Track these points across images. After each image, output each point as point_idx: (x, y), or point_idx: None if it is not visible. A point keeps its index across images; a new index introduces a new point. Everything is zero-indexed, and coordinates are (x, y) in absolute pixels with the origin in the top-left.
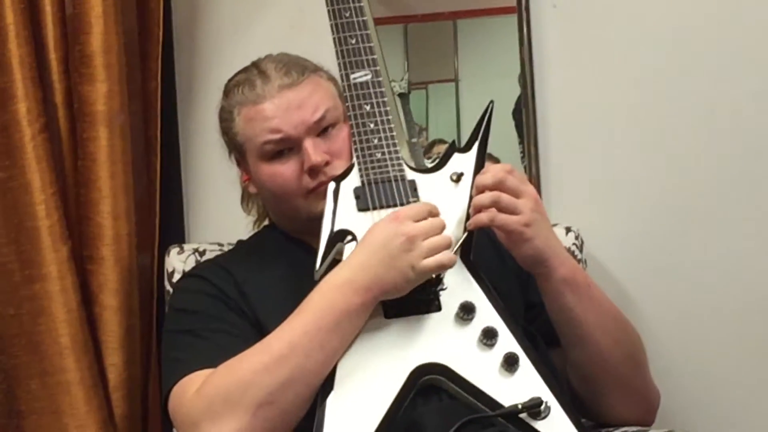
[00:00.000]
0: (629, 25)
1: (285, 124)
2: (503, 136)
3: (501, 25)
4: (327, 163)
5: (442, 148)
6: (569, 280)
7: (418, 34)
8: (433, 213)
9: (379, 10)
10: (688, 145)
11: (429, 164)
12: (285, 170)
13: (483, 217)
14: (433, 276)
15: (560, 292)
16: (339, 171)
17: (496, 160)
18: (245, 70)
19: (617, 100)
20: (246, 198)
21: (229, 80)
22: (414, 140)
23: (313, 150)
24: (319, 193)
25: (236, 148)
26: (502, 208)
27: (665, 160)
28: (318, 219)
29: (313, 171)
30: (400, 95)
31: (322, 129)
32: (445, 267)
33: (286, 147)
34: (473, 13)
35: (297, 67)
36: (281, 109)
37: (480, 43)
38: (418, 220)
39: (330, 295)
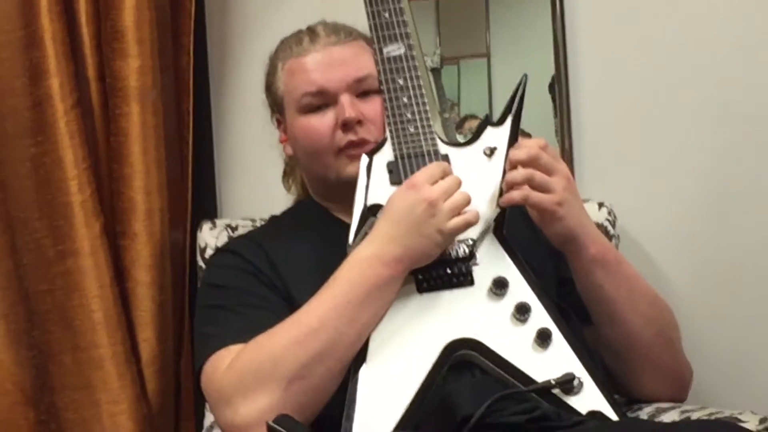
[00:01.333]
0: (662, 1)
1: (325, 77)
2: (536, 111)
3: (533, 0)
4: (360, 122)
5: (473, 124)
6: (600, 258)
7: (450, 8)
8: (447, 172)
9: None
10: (726, 122)
11: (461, 139)
12: (319, 124)
13: (515, 196)
14: (466, 251)
15: (591, 270)
16: (372, 136)
17: (528, 136)
18: (298, 30)
19: (652, 74)
20: (287, 174)
21: (282, 39)
22: (446, 115)
23: (349, 105)
24: (349, 154)
25: (277, 104)
26: (534, 186)
27: (701, 136)
28: (347, 183)
29: (347, 126)
30: (432, 70)
31: (361, 91)
32: (470, 224)
33: (323, 102)
34: None
35: (345, 30)
36: (323, 64)
37: (512, 17)
38: (433, 183)
39: (359, 269)
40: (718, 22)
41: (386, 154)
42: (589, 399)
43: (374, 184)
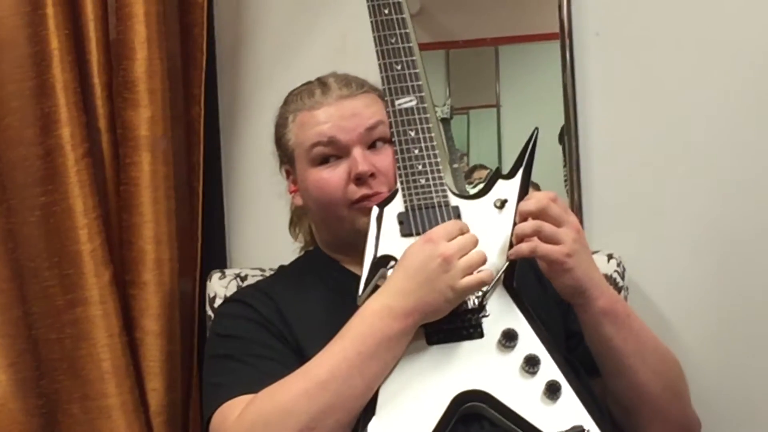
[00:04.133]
0: (672, 53)
1: (336, 129)
2: (545, 161)
3: (543, 51)
4: (373, 175)
5: (482, 174)
6: (608, 310)
7: (460, 59)
8: (464, 230)
9: (421, 36)
10: (733, 174)
11: (470, 189)
12: (332, 177)
13: (524, 248)
14: (476, 303)
15: (599, 323)
16: (385, 187)
17: (537, 187)
18: (308, 82)
19: (660, 127)
20: (294, 223)
21: (291, 91)
22: (456, 165)
23: (362, 158)
24: (362, 207)
25: (287, 156)
26: (544, 237)
27: (709, 188)
28: (359, 235)
29: (360, 179)
30: (442, 120)
31: (372, 141)
32: (484, 284)
33: (335, 153)
34: (515, 39)
35: (357, 82)
36: (335, 116)
37: (522, 69)
38: (450, 239)
39: (369, 321)
40: (730, 77)
41: (397, 205)
42: None
43: (385, 235)
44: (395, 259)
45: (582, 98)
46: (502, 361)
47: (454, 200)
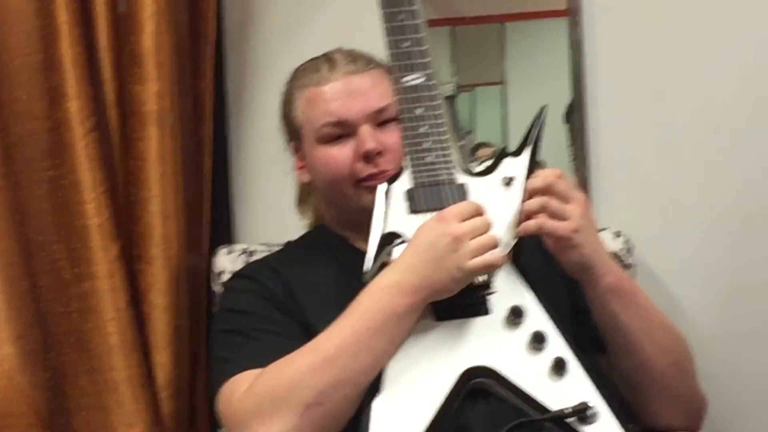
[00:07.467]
0: (682, 29)
1: (345, 108)
2: (549, 141)
3: (550, 28)
4: (380, 153)
5: (487, 151)
6: (615, 287)
7: (466, 36)
8: (479, 212)
9: (427, 12)
10: (743, 149)
11: (474, 167)
12: (339, 154)
13: (531, 225)
14: (483, 280)
15: (606, 300)
16: (392, 165)
17: (543, 165)
18: (314, 58)
19: (669, 103)
20: (302, 199)
21: (297, 67)
22: (461, 143)
23: (369, 136)
24: (369, 184)
25: (294, 132)
26: (550, 214)
27: (718, 164)
28: (365, 213)
29: (367, 157)
30: (447, 97)
31: (381, 121)
32: (492, 266)
33: (343, 132)
34: (522, 16)
35: (364, 58)
36: (343, 93)
37: (528, 46)
38: (464, 220)
39: (378, 297)
40: (739, 49)
41: (404, 182)
42: (604, 428)
43: (392, 212)
44: (402, 236)
45: (590, 75)
46: (508, 338)
47: (461, 178)
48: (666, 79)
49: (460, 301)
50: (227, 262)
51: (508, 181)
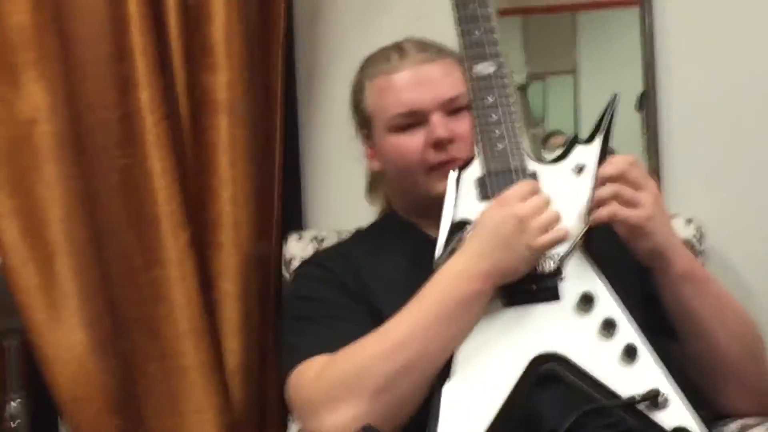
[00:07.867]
0: (755, 17)
1: (416, 97)
2: (622, 128)
3: (622, 17)
4: (451, 141)
5: (559, 140)
6: (687, 273)
7: (538, 25)
8: (536, 190)
9: (498, 2)
10: None
11: (546, 156)
12: (410, 142)
13: (603, 213)
14: (553, 266)
15: (678, 286)
16: (463, 153)
17: (614, 153)
18: (384, 47)
19: (742, 91)
20: (372, 187)
21: (367, 56)
22: (532, 132)
23: (440, 124)
24: (440, 172)
25: (364, 121)
26: (623, 201)
27: None
28: (436, 200)
29: (438, 145)
30: (519, 87)
31: (452, 109)
32: (560, 241)
33: (414, 121)
34: (594, 6)
35: (434, 47)
36: (413, 82)
37: (600, 33)
38: (523, 200)
39: (448, 284)
40: None
41: (475, 170)
42: (675, 415)
43: (462, 199)
44: (472, 224)
45: (662, 64)
46: (579, 324)
47: (532, 165)
48: (738, 67)
49: (530, 287)
50: (298, 248)
51: (580, 169)
